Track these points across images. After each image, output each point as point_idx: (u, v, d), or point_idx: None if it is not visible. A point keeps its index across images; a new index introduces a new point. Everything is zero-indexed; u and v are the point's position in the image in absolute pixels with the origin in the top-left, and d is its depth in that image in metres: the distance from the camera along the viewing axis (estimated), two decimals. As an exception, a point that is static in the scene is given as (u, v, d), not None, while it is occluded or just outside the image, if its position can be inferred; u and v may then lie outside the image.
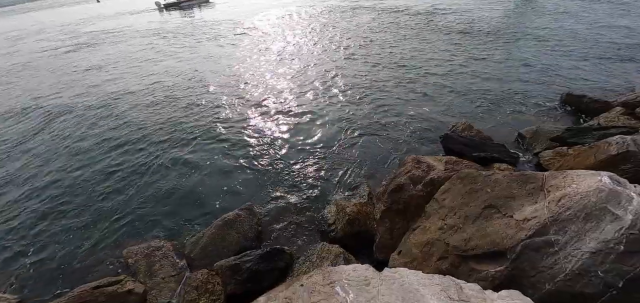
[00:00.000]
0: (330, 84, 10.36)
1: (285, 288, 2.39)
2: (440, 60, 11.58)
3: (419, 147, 6.65)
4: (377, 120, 7.84)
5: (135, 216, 5.48)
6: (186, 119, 8.74)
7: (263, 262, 4.13)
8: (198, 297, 3.73)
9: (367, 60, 12.29)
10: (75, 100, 10.71)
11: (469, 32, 15.01)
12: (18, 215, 5.77)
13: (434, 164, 4.64)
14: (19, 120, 9.65)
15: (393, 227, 4.35)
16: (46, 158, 7.30)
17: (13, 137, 8.72)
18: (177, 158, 6.94)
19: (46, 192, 6.22)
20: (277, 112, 8.75)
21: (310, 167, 6.33)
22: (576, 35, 13.12)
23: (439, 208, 3.90)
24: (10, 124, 9.51)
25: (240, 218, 5.01)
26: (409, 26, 17.20)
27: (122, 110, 9.69)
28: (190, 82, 11.64)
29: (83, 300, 3.74)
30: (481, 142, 5.89)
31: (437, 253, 3.49)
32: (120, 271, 4.50)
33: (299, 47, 15.21)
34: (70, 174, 6.69)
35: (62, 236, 5.20)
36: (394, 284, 2.17)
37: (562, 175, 2.80)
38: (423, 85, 9.57)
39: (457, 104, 8.24)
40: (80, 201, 5.92)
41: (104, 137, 8.06)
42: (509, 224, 2.96)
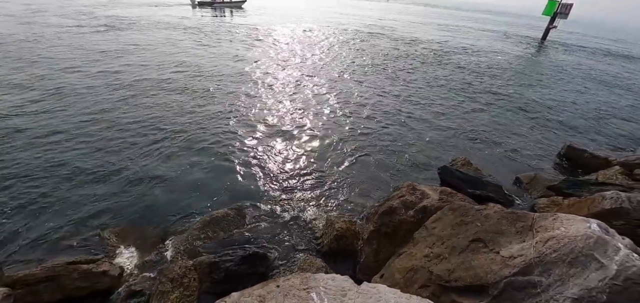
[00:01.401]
0: (337, 101, 10.48)
1: (260, 287, 2.33)
2: (448, 94, 11.75)
3: (416, 174, 6.64)
4: (378, 142, 7.88)
5: (123, 199, 5.43)
6: (191, 113, 8.81)
7: (243, 264, 4.05)
8: (172, 289, 3.63)
9: (377, 85, 12.48)
10: (82, 80, 10.84)
11: (480, 71, 15.30)
12: (8, 181, 5.72)
13: (428, 193, 4.62)
14: (24, 92, 9.74)
15: (379, 249, 4.28)
16: (45, 131, 7.30)
17: (15, 106, 8.78)
18: (174, 149, 6.94)
19: (41, 163, 6.19)
20: (280, 120, 8.82)
21: (306, 178, 6.31)
22: (585, 89, 13.37)
23: (428, 236, 3.85)
24: (10, 95, 9.60)
25: (228, 217, 4.96)
26: (421, 58, 17.55)
27: (128, 94, 9.78)
28: (202, 79, 11.81)
29: (56, 273, 3.64)
30: (479, 179, 5.87)
31: (419, 281, 3.41)
32: (99, 251, 4.40)
33: (314, 63, 15.50)
34: (66, 149, 6.68)
35: (48, 207, 5.12)
36: (370, 299, 2.11)
37: (552, 217, 2.77)
38: (428, 116, 9.66)
39: (459, 139, 8.28)
40: (71, 176, 5.88)
41: (105, 118, 8.10)
42: (494, 260, 2.90)
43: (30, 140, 6.77)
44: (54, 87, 10.00)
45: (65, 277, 3.59)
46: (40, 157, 6.29)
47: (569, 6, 28.95)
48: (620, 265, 2.15)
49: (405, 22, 39.45)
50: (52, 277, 3.54)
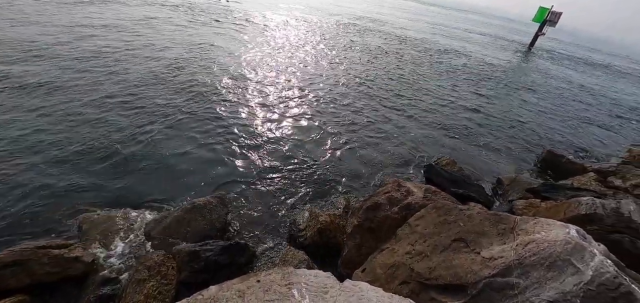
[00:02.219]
0: (326, 93, 10.40)
1: (239, 282, 2.27)
2: (436, 94, 11.87)
3: (402, 171, 6.70)
4: (365, 137, 7.88)
5: (99, 182, 5.19)
6: (176, 94, 8.51)
7: (224, 254, 3.97)
8: (149, 277, 3.52)
9: (367, 79, 12.44)
10: (63, 57, 10.24)
11: (468, 74, 15.55)
12: None
13: (413, 190, 4.65)
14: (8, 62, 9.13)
15: (362, 243, 4.29)
16: (20, 108, 6.86)
17: None
18: (155, 133, 6.69)
19: (12, 141, 5.82)
20: (267, 109, 8.66)
21: (291, 170, 6.24)
22: (567, 96, 13.83)
23: (411, 233, 3.88)
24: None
25: (210, 205, 4.84)
26: (412, 56, 17.63)
27: (111, 74, 9.32)
28: (190, 60, 11.39)
29: (23, 258, 3.45)
30: (462, 178, 5.98)
31: (400, 277, 3.44)
32: (72, 236, 4.21)
33: (303, 54, 15.26)
34: (41, 128, 6.30)
35: (17, 188, 4.82)
36: (353, 297, 2.09)
37: (534, 221, 2.83)
38: (416, 114, 9.74)
39: (445, 139, 8.41)
40: (44, 156, 5.55)
41: (85, 98, 7.69)
42: (475, 260, 2.95)
43: (3, 117, 6.34)
44: (34, 64, 9.42)
45: (34, 262, 3.41)
46: (12, 135, 5.90)
47: (558, 15, 29.75)
48: (595, 271, 2.21)
49: (398, 18, 39.48)
50: (20, 261, 3.35)
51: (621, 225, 3.84)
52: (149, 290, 3.45)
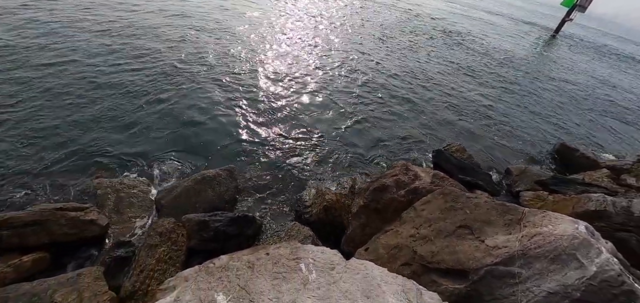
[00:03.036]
0: (339, 70, 10.23)
1: (249, 253, 2.35)
2: (451, 78, 11.58)
3: (410, 155, 6.68)
4: (375, 119, 7.81)
5: (115, 148, 5.31)
6: (195, 67, 8.49)
7: (232, 225, 4.09)
8: (160, 243, 3.66)
9: (381, 58, 12.18)
10: (81, 22, 10.22)
11: (487, 58, 15.05)
12: (1, 117, 5.51)
13: (421, 175, 4.66)
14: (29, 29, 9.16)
15: (367, 223, 4.36)
16: (38, 75, 6.93)
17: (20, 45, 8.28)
18: (171, 103, 6.74)
19: (34, 106, 5.92)
20: (282, 86, 8.58)
21: (300, 147, 6.27)
22: (586, 90, 13.36)
23: (416, 217, 3.92)
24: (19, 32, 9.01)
25: (219, 177, 4.94)
26: (429, 35, 17.07)
27: (125, 42, 9.29)
28: (204, 31, 11.25)
29: (43, 218, 3.61)
30: (470, 166, 5.94)
31: (402, 258, 3.52)
32: (87, 199, 4.37)
33: (318, 28, 14.90)
34: (60, 95, 6.39)
35: (38, 152, 4.95)
36: (358, 275, 2.16)
37: (542, 214, 2.84)
38: (428, 98, 9.57)
39: (456, 125, 8.29)
40: (67, 119, 5.67)
41: (110, 63, 7.70)
42: (478, 247, 2.99)
43: (24, 84, 6.42)
44: (49, 30, 9.42)
45: (53, 223, 3.57)
46: (34, 101, 6.00)
47: (589, 0, 28.04)
48: (599, 267, 2.23)
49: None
50: (39, 221, 3.51)
51: (630, 224, 3.82)
52: (161, 254, 3.60)
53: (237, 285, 1.97)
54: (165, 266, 3.55)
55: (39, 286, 2.92)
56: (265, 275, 2.06)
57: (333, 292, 1.97)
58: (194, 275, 2.13)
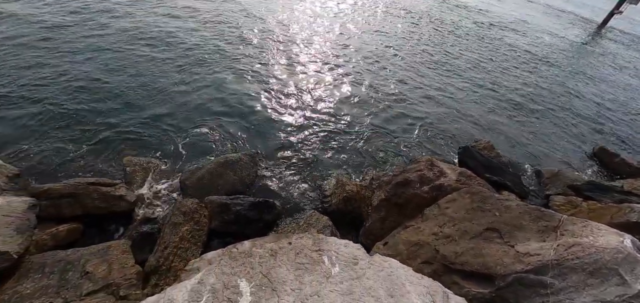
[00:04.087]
0: (365, 61, 9.96)
1: (272, 241, 2.36)
2: (482, 71, 11.03)
3: (435, 150, 6.46)
4: (402, 111, 7.57)
5: (144, 130, 5.48)
6: (223, 55, 8.55)
7: (253, 210, 4.14)
8: (184, 222, 3.77)
9: (411, 50, 11.77)
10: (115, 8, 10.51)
11: (523, 52, 14.20)
12: (39, 91, 5.81)
13: (447, 171, 4.50)
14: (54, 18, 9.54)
15: (387, 217, 4.29)
16: (78, 58, 7.18)
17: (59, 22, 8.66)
18: (200, 89, 6.83)
19: (72, 89, 6.21)
20: (309, 77, 8.44)
21: (324, 137, 6.20)
22: (634, 91, 12.38)
23: (439, 214, 3.80)
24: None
25: (241, 162, 4.99)
26: (460, 27, 16.28)
27: (155, 28, 9.47)
28: (241, 22, 11.24)
29: (77, 191, 3.80)
30: (498, 165, 5.68)
31: (423, 256, 3.43)
32: (118, 177, 4.54)
33: (347, 17, 14.52)
34: (101, 72, 6.67)
35: (76, 131, 5.21)
36: (382, 272, 2.11)
37: (583, 223, 2.65)
38: (459, 92, 9.16)
39: (486, 121, 7.90)
40: (102, 101, 5.92)
41: (134, 52, 7.89)
42: (507, 253, 2.86)
43: (65, 69, 6.69)
44: (90, 15, 9.76)
45: (86, 196, 3.74)
46: (72, 85, 6.27)
47: (644, -9, 25.48)
48: (646, 286, 2.06)
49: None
50: (74, 194, 3.70)
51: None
52: (184, 233, 3.70)
53: (259, 272, 1.97)
54: (187, 244, 3.65)
55: (72, 255, 3.09)
56: (288, 265, 2.06)
57: (356, 287, 1.94)
58: (217, 258, 2.15)
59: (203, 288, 1.82)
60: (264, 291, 1.83)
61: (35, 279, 2.78)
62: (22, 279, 2.78)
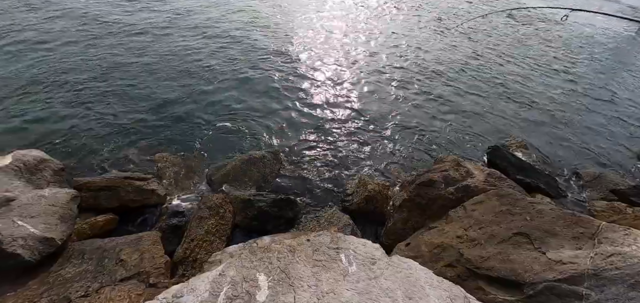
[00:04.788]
0: (393, 63, 9.75)
1: (291, 238, 2.40)
2: (520, 66, 10.44)
3: (462, 149, 6.21)
4: (428, 110, 7.33)
5: (175, 126, 5.77)
6: (251, 54, 8.80)
7: (274, 206, 4.21)
8: (209, 216, 3.92)
9: (442, 41, 11.41)
10: (149, 14, 11.15)
11: (566, 45, 13.25)
12: (81, 90, 6.32)
13: (474, 172, 4.32)
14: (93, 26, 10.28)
15: (409, 218, 4.20)
16: (115, 61, 7.70)
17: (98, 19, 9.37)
18: (230, 89, 7.06)
19: (113, 78, 6.74)
20: (334, 75, 8.42)
21: (347, 136, 6.17)
22: None
23: (465, 216, 3.66)
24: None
25: (264, 159, 5.11)
26: (495, 23, 15.49)
27: (183, 29, 9.94)
28: (266, 22, 11.53)
29: (114, 184, 4.07)
30: (531, 166, 5.37)
31: (446, 259, 3.32)
32: (150, 171, 4.81)
33: (374, 10, 14.38)
34: (137, 74, 7.12)
35: (112, 124, 5.62)
36: (400, 273, 2.08)
37: (625, 231, 2.44)
38: (490, 87, 8.72)
39: (521, 118, 7.44)
40: (137, 98, 6.32)
41: (166, 55, 8.33)
42: (538, 259, 2.70)
43: (104, 70, 7.20)
44: (127, 21, 10.43)
45: (121, 189, 4.00)
46: (114, 84, 6.75)
47: None
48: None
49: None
50: (111, 187, 3.97)
51: None
52: (209, 227, 3.85)
53: (277, 267, 2.01)
54: (212, 238, 3.80)
55: (109, 243, 3.32)
56: (306, 261, 2.08)
57: (373, 287, 1.92)
58: (238, 252, 2.23)
59: (223, 280, 1.89)
60: (281, 286, 1.87)
61: (76, 264, 3.02)
62: (65, 264, 3.03)
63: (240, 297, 1.78)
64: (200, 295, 1.77)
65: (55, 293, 2.73)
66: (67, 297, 2.70)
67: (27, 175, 3.65)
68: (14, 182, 3.44)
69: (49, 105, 5.84)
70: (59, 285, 2.81)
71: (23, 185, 3.50)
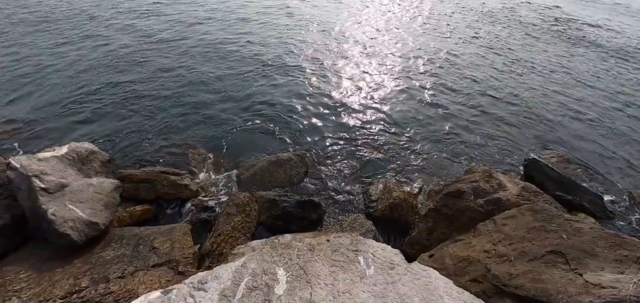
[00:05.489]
0: (425, 67, 9.58)
1: (311, 237, 2.44)
2: (568, 72, 9.77)
3: (496, 160, 5.92)
4: (461, 117, 7.09)
5: (209, 126, 6.14)
6: (283, 58, 9.17)
7: (298, 208, 4.29)
8: (236, 213, 4.08)
9: (477, 49, 11.02)
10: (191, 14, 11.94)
11: (614, 56, 12.22)
12: (128, 91, 6.93)
13: (507, 185, 4.11)
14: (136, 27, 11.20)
15: (434, 228, 4.08)
16: (155, 65, 8.34)
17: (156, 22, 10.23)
18: (262, 94, 7.36)
19: (157, 82, 7.33)
20: (365, 80, 8.46)
21: (374, 141, 6.15)
22: None
23: (495, 231, 3.49)
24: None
25: (291, 161, 5.23)
26: (539, 26, 14.67)
27: (229, 30, 10.52)
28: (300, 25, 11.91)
29: (152, 178, 4.40)
30: (573, 182, 4.98)
31: (472, 274, 3.18)
32: (184, 168, 5.11)
33: (406, 17, 14.25)
34: (180, 74, 7.74)
35: (153, 120, 6.11)
36: (419, 280, 2.04)
37: (673, 256, 2.20)
38: (531, 95, 8.23)
39: (563, 130, 6.93)
40: (176, 99, 6.84)
41: (216, 54, 8.93)
42: (573, 281, 2.50)
43: (148, 75, 7.83)
44: (164, 24, 11.26)
45: (158, 183, 4.31)
46: (157, 87, 7.33)
47: None
48: None
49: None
50: (149, 180, 4.29)
51: None
52: (236, 223, 4.01)
53: (297, 264, 2.07)
54: (238, 234, 3.95)
55: (145, 231, 3.58)
56: (324, 261, 2.11)
57: (389, 292, 1.90)
58: (260, 246, 2.31)
59: (245, 271, 1.98)
60: (299, 281, 1.92)
61: (115, 248, 3.30)
62: (106, 247, 3.32)
63: (259, 288, 1.85)
64: (223, 283, 1.87)
65: (96, 272, 3.00)
66: (106, 277, 2.95)
67: (79, 164, 4.04)
68: (68, 169, 3.83)
69: (100, 104, 6.46)
70: (100, 266, 3.08)
71: (75, 173, 3.88)
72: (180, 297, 1.84)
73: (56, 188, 3.45)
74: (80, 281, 2.88)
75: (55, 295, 2.74)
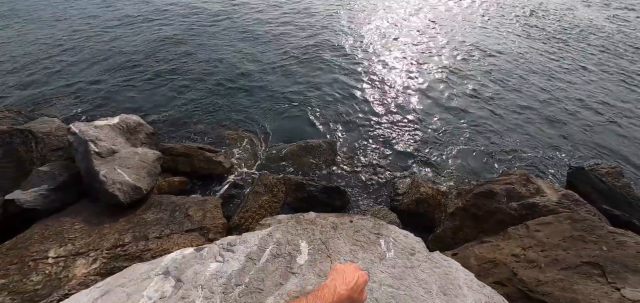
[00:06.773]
0: (466, 64, 9.14)
1: (335, 216, 2.52)
2: (626, 76, 8.90)
3: (536, 165, 5.58)
4: (500, 118, 6.70)
5: (245, 109, 6.47)
6: (319, 48, 9.32)
7: (324, 193, 4.38)
8: (264, 192, 4.27)
9: (519, 47, 10.35)
10: None
11: None
12: (173, 70, 7.47)
13: (545, 190, 3.89)
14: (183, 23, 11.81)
15: (461, 227, 3.98)
16: (205, 52, 8.85)
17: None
18: (297, 83, 7.54)
19: (200, 63, 7.90)
20: (401, 73, 8.31)
21: (405, 134, 6.05)
22: None
23: (526, 236, 3.33)
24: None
25: (320, 148, 5.32)
26: (593, 23, 13.39)
27: (266, 19, 10.84)
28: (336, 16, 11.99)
29: (190, 152, 4.72)
30: (624, 197, 4.56)
31: (497, 276, 3.07)
32: (219, 145, 5.41)
33: (446, 20, 13.74)
34: (221, 57, 8.22)
35: (194, 99, 6.59)
36: (439, 269, 2.03)
37: None
38: (581, 101, 7.60)
39: (616, 140, 6.35)
40: (215, 78, 7.34)
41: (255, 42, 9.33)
42: (608, 295, 2.35)
43: (196, 62, 8.35)
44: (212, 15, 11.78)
45: (195, 157, 4.62)
46: (199, 68, 7.87)
47: None
48: None
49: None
50: (187, 154, 4.60)
51: None
52: (263, 202, 4.19)
53: (319, 238, 2.15)
54: (264, 212, 4.13)
55: (180, 200, 3.87)
56: (345, 239, 2.18)
57: (408, 275, 1.92)
58: (286, 220, 2.43)
59: (270, 239, 2.10)
60: (319, 255, 2.00)
61: (154, 212, 3.60)
62: (147, 210, 3.64)
63: (283, 256, 1.96)
64: (249, 247, 2.01)
65: (137, 231, 3.31)
66: (145, 236, 3.25)
67: (127, 134, 4.44)
68: (118, 138, 4.22)
69: (150, 84, 7.05)
70: (141, 226, 3.39)
71: (124, 141, 4.27)
72: (211, 255, 2.00)
73: (108, 153, 3.83)
74: (124, 237, 3.20)
75: (102, 246, 3.07)
